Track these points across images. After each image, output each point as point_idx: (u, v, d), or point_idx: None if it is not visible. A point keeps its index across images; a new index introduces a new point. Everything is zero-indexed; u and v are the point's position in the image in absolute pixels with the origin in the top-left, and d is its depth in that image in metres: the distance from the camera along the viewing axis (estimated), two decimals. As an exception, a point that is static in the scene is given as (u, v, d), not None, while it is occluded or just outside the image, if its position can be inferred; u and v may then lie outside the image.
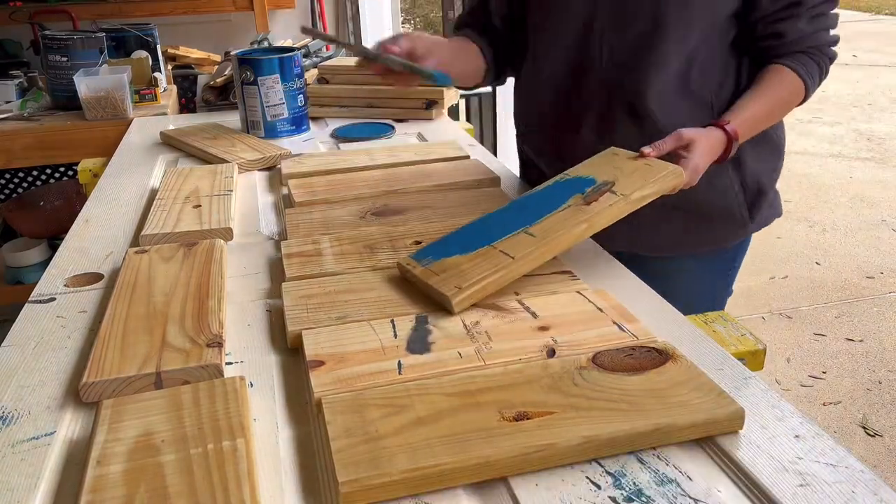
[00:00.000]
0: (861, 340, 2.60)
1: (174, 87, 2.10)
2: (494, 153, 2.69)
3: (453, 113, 2.26)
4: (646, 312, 0.75)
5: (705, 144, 0.91)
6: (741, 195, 1.08)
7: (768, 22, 0.99)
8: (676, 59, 0.99)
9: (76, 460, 0.57)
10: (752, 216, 1.10)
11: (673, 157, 0.90)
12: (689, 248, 1.12)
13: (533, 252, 0.77)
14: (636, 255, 1.11)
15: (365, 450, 0.53)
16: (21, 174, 2.32)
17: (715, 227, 1.10)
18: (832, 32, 1.03)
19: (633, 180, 0.84)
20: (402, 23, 6.86)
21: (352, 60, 1.65)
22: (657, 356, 0.64)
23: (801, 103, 1.04)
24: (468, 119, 2.74)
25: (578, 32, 1.03)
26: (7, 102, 2.00)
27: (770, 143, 1.11)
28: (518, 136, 1.22)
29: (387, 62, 0.93)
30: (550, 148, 1.13)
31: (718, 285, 1.19)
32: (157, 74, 1.97)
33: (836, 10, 1.02)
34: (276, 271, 0.87)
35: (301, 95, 1.42)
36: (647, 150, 0.89)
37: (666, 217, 1.07)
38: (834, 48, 1.03)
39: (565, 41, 1.04)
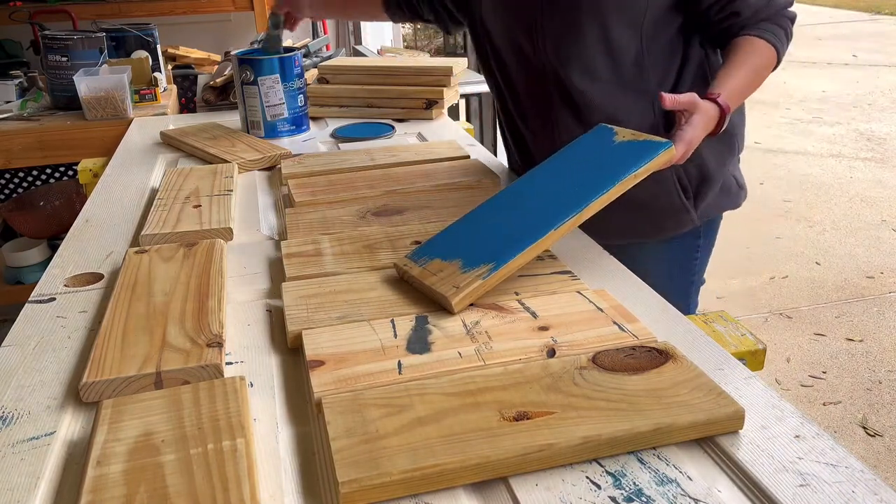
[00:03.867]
0: (861, 340, 2.60)
1: (174, 87, 2.09)
2: (494, 153, 2.68)
3: (453, 113, 2.26)
4: (646, 312, 0.75)
5: (702, 119, 0.90)
6: (679, 183, 1.08)
7: (721, 5, 1.00)
8: (597, 48, 1.01)
9: (76, 460, 0.57)
10: (696, 204, 1.10)
11: (669, 121, 0.89)
12: (638, 236, 1.13)
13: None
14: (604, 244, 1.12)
15: (365, 450, 0.53)
16: (21, 174, 2.32)
17: (656, 215, 1.10)
18: None
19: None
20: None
21: (351, 60, 1.65)
22: (657, 356, 0.64)
23: (774, 68, 1.04)
24: (468, 119, 2.74)
25: (527, 24, 1.05)
26: (7, 102, 2.00)
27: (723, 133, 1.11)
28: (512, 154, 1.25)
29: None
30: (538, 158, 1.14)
31: (677, 273, 1.19)
32: (157, 74, 1.97)
33: None
34: (276, 271, 0.87)
35: (301, 95, 1.42)
36: (665, 95, 0.88)
37: (610, 206, 1.07)
38: (791, 8, 1.04)
39: (517, 35, 1.07)
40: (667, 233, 1.14)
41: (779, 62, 1.03)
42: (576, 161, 0.87)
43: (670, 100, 0.88)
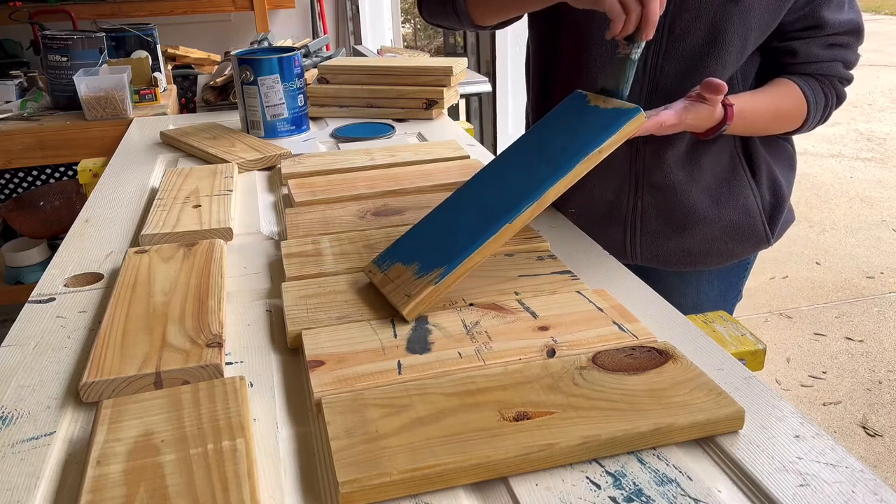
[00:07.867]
0: (861, 340, 2.60)
1: (174, 87, 2.10)
2: (494, 153, 2.69)
3: (453, 113, 2.26)
4: (646, 312, 0.75)
5: (708, 113, 0.87)
6: (764, 210, 1.07)
7: (784, 38, 0.97)
8: (726, 72, 0.96)
9: (76, 460, 0.57)
10: (773, 229, 1.09)
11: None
12: (712, 263, 1.10)
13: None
14: (651, 268, 1.10)
15: (365, 450, 0.53)
16: (21, 174, 2.32)
17: (739, 243, 1.08)
18: (849, 71, 0.99)
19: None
20: (403, 22, 6.85)
21: (351, 60, 1.65)
22: (657, 356, 0.64)
23: (799, 128, 1.00)
24: (468, 119, 2.74)
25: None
26: (7, 102, 2.00)
27: (786, 153, 1.09)
28: None
29: None
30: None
31: (731, 293, 1.19)
32: (157, 74, 1.97)
33: (859, 52, 0.98)
34: (276, 271, 0.87)
35: (301, 95, 1.42)
36: (715, 82, 0.83)
37: (691, 235, 1.06)
38: (845, 88, 1.00)
39: (610, 52, 0.98)
40: (740, 257, 1.11)
41: (806, 123, 0.99)
42: (547, 136, 0.83)
43: (714, 86, 0.83)
